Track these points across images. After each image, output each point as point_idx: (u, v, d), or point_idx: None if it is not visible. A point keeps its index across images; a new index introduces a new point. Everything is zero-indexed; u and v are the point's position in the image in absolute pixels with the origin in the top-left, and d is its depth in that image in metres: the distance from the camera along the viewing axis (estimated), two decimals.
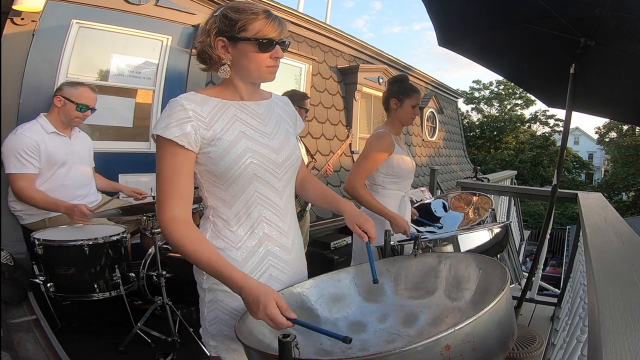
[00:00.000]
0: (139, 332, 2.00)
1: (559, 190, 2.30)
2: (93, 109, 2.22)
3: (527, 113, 24.35)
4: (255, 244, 1.00)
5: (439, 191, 4.71)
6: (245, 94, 1.01)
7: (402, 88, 1.91)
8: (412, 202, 2.10)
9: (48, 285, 1.80)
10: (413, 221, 2.19)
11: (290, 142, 1.07)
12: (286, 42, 0.98)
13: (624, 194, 21.51)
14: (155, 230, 1.99)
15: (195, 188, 0.99)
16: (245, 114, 1.00)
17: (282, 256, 1.05)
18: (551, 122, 23.80)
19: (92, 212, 1.93)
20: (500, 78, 23.14)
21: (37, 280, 1.80)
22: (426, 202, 2.49)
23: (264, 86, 1.07)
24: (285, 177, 1.04)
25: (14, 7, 2.35)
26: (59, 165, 2.10)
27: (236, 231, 0.99)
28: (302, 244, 1.17)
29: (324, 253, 3.62)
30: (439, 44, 2.34)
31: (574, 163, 23.66)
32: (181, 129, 0.89)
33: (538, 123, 24.38)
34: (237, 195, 0.98)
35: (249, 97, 1.02)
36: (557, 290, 4.65)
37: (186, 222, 0.92)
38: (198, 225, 0.99)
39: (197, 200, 1.09)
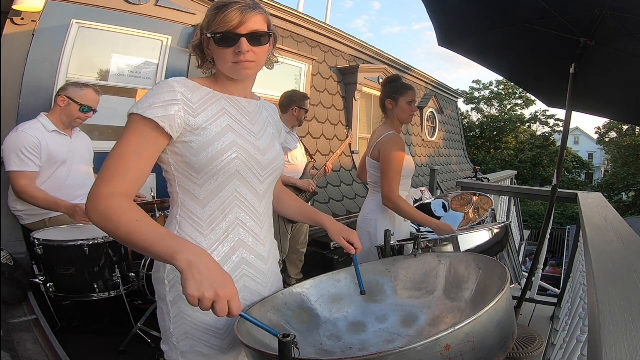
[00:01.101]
0: (139, 332, 2.00)
1: (559, 190, 2.30)
2: (95, 111, 2.23)
3: (527, 113, 24.42)
4: (229, 251, 0.92)
5: (439, 191, 4.72)
6: (235, 90, 0.97)
7: (395, 87, 1.91)
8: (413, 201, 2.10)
9: (48, 285, 1.80)
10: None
11: (275, 147, 1.03)
12: (266, 37, 0.90)
13: (624, 194, 21.51)
14: None
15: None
16: (235, 109, 0.95)
17: (257, 265, 0.98)
18: (551, 122, 23.82)
19: None
20: (500, 78, 23.18)
21: (37, 280, 1.80)
22: (426, 202, 2.49)
23: (267, 85, 1.07)
24: (267, 182, 0.99)
25: (14, 7, 2.36)
26: (59, 164, 2.10)
27: (208, 235, 0.90)
28: (278, 256, 1.11)
29: (324, 253, 3.63)
30: (439, 44, 2.34)
31: (574, 163, 23.66)
32: (165, 110, 0.82)
33: (538, 123, 24.40)
34: (214, 193, 0.90)
35: (241, 93, 0.99)
36: (557, 290, 4.65)
37: (128, 198, 0.80)
38: None
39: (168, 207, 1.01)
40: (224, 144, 0.88)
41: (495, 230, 1.65)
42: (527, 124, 24.43)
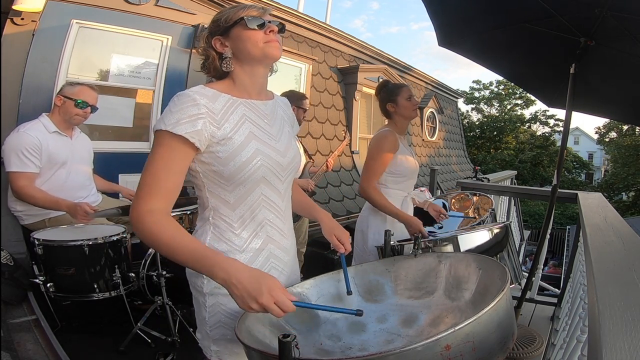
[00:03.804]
0: (139, 332, 2.00)
1: (559, 190, 2.30)
2: (94, 107, 2.22)
3: (527, 113, 24.40)
4: (259, 247, 0.99)
5: (439, 191, 4.72)
6: (252, 90, 1.00)
7: (389, 90, 1.95)
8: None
9: (48, 285, 1.80)
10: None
11: (293, 145, 1.07)
12: (284, 27, 0.99)
13: (624, 194, 21.51)
14: None
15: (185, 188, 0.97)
16: (254, 113, 0.98)
17: (282, 257, 1.05)
18: (551, 122, 23.80)
19: (95, 212, 1.93)
20: (500, 78, 23.17)
21: (37, 280, 1.80)
22: None
23: (269, 84, 1.07)
24: (287, 180, 1.04)
25: (14, 7, 2.36)
26: (59, 165, 2.10)
27: (240, 234, 0.97)
28: (296, 246, 1.17)
29: (324, 253, 3.62)
30: (439, 44, 2.34)
31: (574, 163, 23.66)
32: (193, 126, 0.85)
33: (538, 123, 24.39)
34: (243, 198, 0.96)
35: (257, 95, 1.01)
36: (557, 290, 4.65)
37: (165, 213, 0.87)
38: (191, 231, 0.96)
39: (181, 204, 1.05)
40: (250, 153, 0.92)
41: (495, 230, 1.65)
42: (527, 124, 24.42)
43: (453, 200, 2.67)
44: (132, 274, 1.99)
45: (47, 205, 1.99)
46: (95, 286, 1.84)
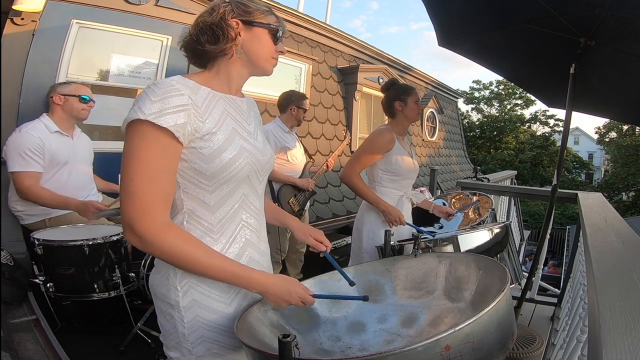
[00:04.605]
0: (139, 332, 2.00)
1: (559, 190, 2.30)
2: (93, 101, 2.25)
3: (527, 113, 24.43)
4: (238, 252, 0.93)
5: (439, 191, 4.72)
6: (233, 87, 0.95)
7: (401, 89, 1.96)
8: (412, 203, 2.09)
9: (48, 285, 1.80)
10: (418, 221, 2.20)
11: (267, 145, 1.03)
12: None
13: (624, 194, 21.51)
14: None
15: None
16: (234, 109, 0.93)
17: (261, 262, 0.99)
18: (551, 122, 23.81)
19: (104, 210, 1.94)
20: (500, 78, 23.18)
21: (37, 280, 1.80)
22: None
23: (267, 85, 1.06)
24: (264, 180, 1.01)
25: (14, 7, 2.36)
26: (61, 165, 2.10)
27: (218, 239, 0.89)
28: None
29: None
30: (439, 44, 2.34)
31: (574, 163, 23.66)
32: (177, 117, 0.78)
33: (538, 123, 24.40)
34: (225, 199, 0.89)
35: (236, 91, 0.97)
36: (557, 290, 4.65)
37: (178, 226, 0.84)
38: None
39: None
40: (235, 150, 0.87)
41: (495, 230, 1.65)
42: (527, 124, 24.43)
43: (453, 200, 2.67)
44: (132, 274, 2.00)
45: (56, 204, 1.99)
46: (95, 286, 1.84)
